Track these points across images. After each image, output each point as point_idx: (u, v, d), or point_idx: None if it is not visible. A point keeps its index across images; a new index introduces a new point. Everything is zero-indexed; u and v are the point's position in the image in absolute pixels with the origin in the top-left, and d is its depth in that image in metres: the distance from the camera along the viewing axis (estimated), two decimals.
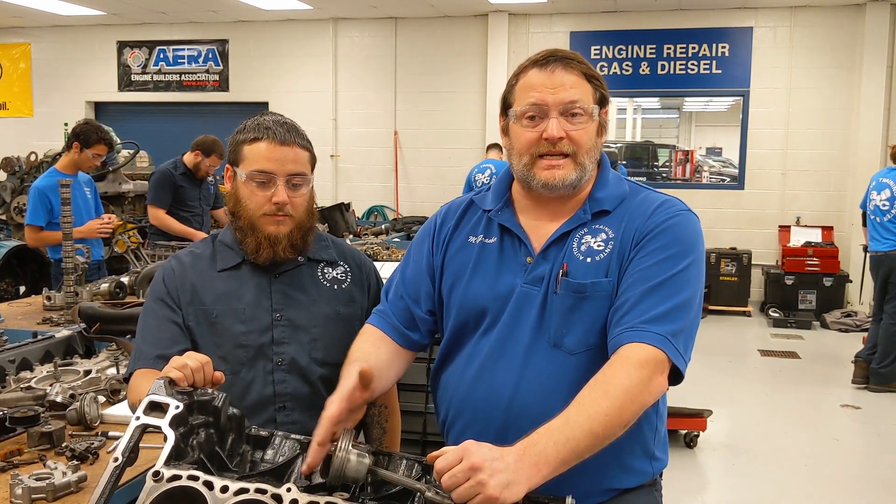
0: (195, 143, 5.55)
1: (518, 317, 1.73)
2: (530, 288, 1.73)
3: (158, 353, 1.96)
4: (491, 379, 1.72)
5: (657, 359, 1.54)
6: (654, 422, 1.78)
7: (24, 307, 4.17)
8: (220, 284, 2.10)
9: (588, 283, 1.68)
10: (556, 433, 1.40)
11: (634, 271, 1.65)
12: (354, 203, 10.41)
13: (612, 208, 1.75)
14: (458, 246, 1.87)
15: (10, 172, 6.79)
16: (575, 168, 1.71)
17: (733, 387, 6.69)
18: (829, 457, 5.15)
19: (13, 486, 1.81)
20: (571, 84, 1.71)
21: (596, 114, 1.73)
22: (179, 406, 1.37)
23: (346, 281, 2.18)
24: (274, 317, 2.07)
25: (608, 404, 1.45)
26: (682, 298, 1.61)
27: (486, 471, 1.29)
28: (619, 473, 1.73)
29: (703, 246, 1.72)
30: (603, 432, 1.45)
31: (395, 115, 11.30)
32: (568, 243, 1.73)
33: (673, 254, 1.64)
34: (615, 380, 1.50)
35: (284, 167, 2.05)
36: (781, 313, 9.30)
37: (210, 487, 1.24)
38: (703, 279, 1.70)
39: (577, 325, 1.68)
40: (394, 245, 6.50)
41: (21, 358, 2.72)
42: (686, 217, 1.72)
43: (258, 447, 1.52)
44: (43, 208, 4.90)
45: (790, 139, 10.07)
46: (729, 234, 10.13)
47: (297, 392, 2.04)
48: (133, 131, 8.82)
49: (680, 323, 1.60)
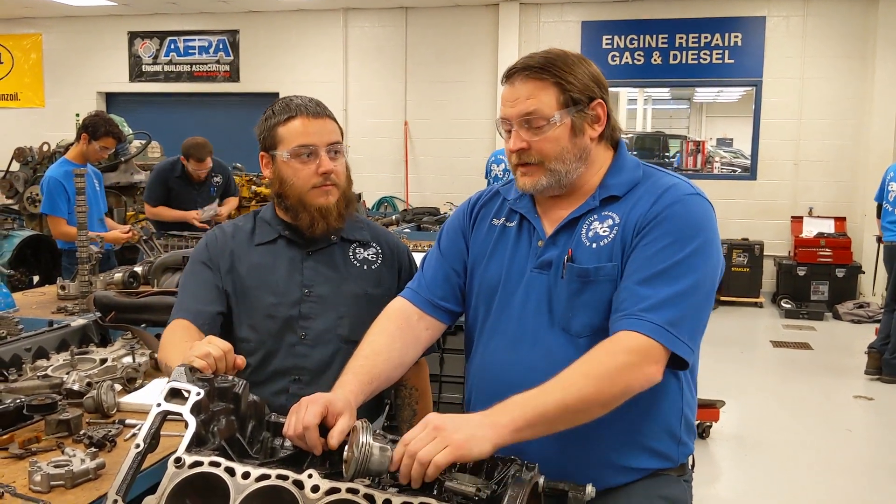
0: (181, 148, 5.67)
1: (528, 301, 1.76)
2: (539, 273, 1.76)
3: (198, 308, 2.10)
4: (503, 362, 1.77)
5: (648, 348, 1.56)
6: (680, 405, 1.78)
7: (39, 296, 4.18)
8: (255, 257, 2.21)
9: (592, 267, 1.70)
10: (528, 398, 1.47)
11: (637, 258, 1.66)
12: (364, 194, 10.43)
13: (622, 194, 1.76)
14: (483, 229, 1.92)
15: (22, 163, 6.81)
16: (545, 174, 1.75)
17: (745, 378, 6.67)
18: (841, 447, 5.13)
19: (32, 472, 1.81)
20: (528, 94, 1.72)
21: (559, 119, 1.71)
22: (200, 393, 1.37)
23: (376, 262, 2.25)
24: (303, 292, 2.16)
25: (585, 382, 1.50)
26: (685, 285, 1.61)
27: (448, 429, 1.36)
28: (639, 453, 1.74)
29: (711, 230, 1.70)
30: (575, 406, 1.49)
31: (406, 106, 11.28)
32: (577, 230, 1.76)
33: (675, 240, 1.64)
34: (597, 361, 1.54)
35: (323, 137, 2.14)
36: (793, 304, 9.27)
37: (232, 473, 1.24)
38: (713, 262, 1.68)
39: (582, 309, 1.70)
40: (404, 236, 6.49)
41: (37, 346, 2.73)
42: (691, 201, 1.70)
43: (278, 434, 1.52)
44: (61, 198, 4.92)
45: (803, 129, 10.00)
46: (740, 225, 10.07)
47: (315, 366, 2.13)
48: (144, 122, 8.83)
49: (680, 310, 1.59)
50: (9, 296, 3.77)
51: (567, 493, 1.37)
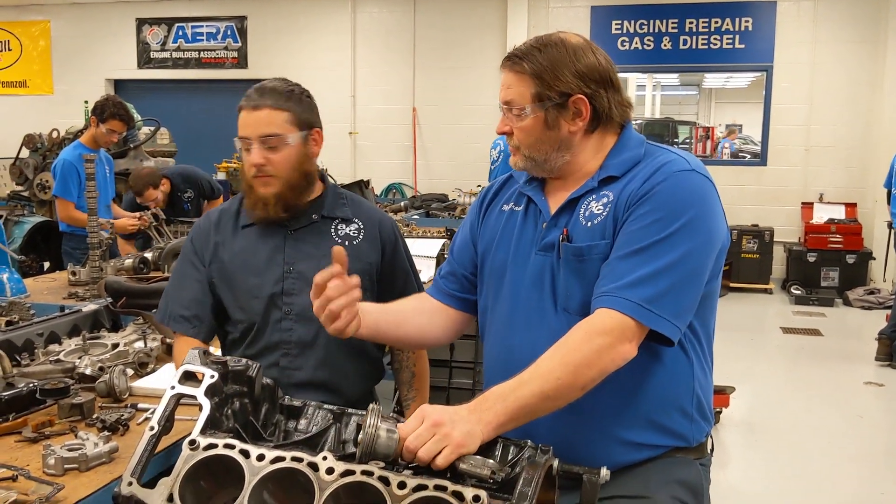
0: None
1: (533, 283, 1.79)
2: (543, 255, 1.78)
3: (180, 314, 2.29)
4: (511, 345, 1.80)
5: (623, 326, 1.57)
6: (691, 383, 1.77)
7: (49, 282, 4.20)
8: (240, 240, 2.32)
9: (585, 246, 1.71)
10: (506, 393, 1.49)
11: (622, 235, 1.66)
12: (373, 181, 10.40)
13: (621, 173, 1.75)
14: (493, 216, 1.96)
15: (32, 149, 6.82)
16: (523, 159, 1.81)
17: (755, 364, 6.66)
18: (852, 433, 5.12)
19: (45, 456, 1.82)
20: (509, 84, 1.79)
21: (529, 112, 1.75)
22: (214, 375, 1.37)
23: (357, 238, 2.32)
24: (285, 269, 2.26)
25: (562, 370, 1.52)
26: (666, 262, 1.60)
27: (447, 424, 1.37)
28: (649, 430, 1.73)
29: (704, 205, 1.66)
30: (555, 394, 1.52)
31: (414, 92, 11.24)
32: (577, 209, 1.77)
33: (660, 217, 1.63)
34: (572, 346, 1.55)
35: (256, 130, 2.19)
36: (803, 291, 9.23)
37: (246, 456, 1.24)
38: (703, 238, 1.65)
39: (580, 288, 1.71)
40: (413, 222, 6.48)
41: (49, 331, 2.74)
42: (683, 177, 1.68)
43: (291, 417, 1.52)
44: (73, 181, 4.91)
45: (813, 115, 9.93)
46: (750, 212, 10.02)
47: (301, 340, 2.24)
48: (153, 109, 8.82)
49: (659, 286, 1.59)
50: (20, 281, 3.78)
51: (582, 477, 1.36)
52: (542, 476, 1.22)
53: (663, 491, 1.71)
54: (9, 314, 3.04)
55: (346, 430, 1.48)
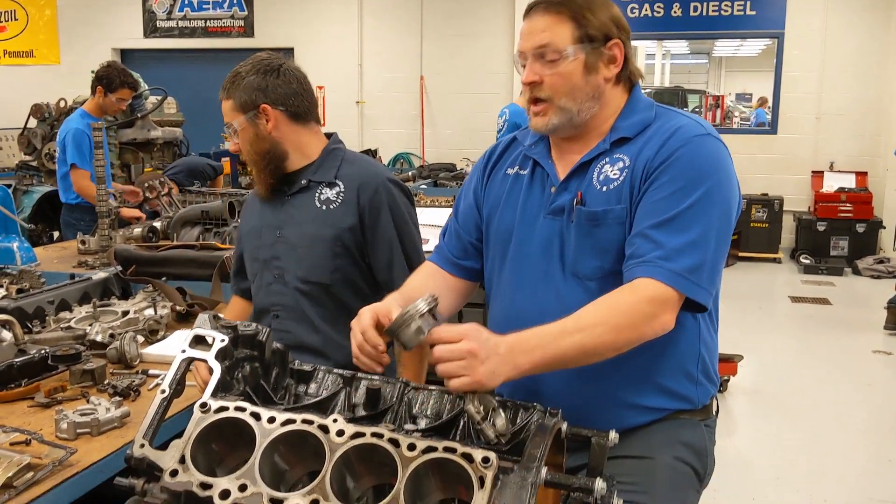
0: None
1: (541, 247, 1.77)
2: (552, 219, 1.76)
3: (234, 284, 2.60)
4: (517, 309, 1.78)
5: (667, 297, 1.57)
6: (697, 346, 1.77)
7: (59, 251, 4.22)
8: (255, 211, 2.47)
9: (600, 210, 1.69)
10: (547, 342, 1.48)
11: (648, 203, 1.65)
12: (380, 150, 10.37)
13: (633, 135, 1.73)
14: (498, 179, 1.92)
15: (40, 119, 6.80)
16: (555, 113, 1.72)
17: (764, 333, 6.66)
18: (860, 402, 5.13)
19: (58, 420, 1.84)
20: (544, 27, 1.70)
21: (572, 53, 1.68)
22: (224, 339, 1.38)
23: (336, 202, 2.33)
24: (276, 234, 2.36)
25: (606, 329, 1.52)
26: (699, 231, 1.60)
27: (479, 357, 1.37)
28: (654, 392, 1.74)
29: (722, 171, 1.66)
30: (593, 350, 1.52)
31: (422, 60, 11.17)
32: (589, 173, 1.75)
33: (683, 185, 1.62)
34: (621, 307, 1.54)
35: (226, 120, 2.36)
36: (812, 260, 9.20)
37: (257, 418, 1.24)
38: (725, 204, 1.65)
39: (592, 253, 1.70)
40: (421, 192, 6.46)
41: (59, 299, 2.75)
42: (700, 142, 1.67)
43: (302, 381, 1.52)
44: (87, 149, 4.87)
45: (825, 82, 9.83)
46: (760, 180, 9.96)
47: (286, 303, 2.34)
48: (159, 78, 8.77)
49: (697, 257, 1.59)
50: (30, 250, 3.80)
51: (590, 440, 1.37)
52: (550, 439, 1.23)
53: (667, 452, 1.72)
54: (20, 282, 3.06)
55: (356, 394, 1.48)
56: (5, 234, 3.79)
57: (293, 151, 2.36)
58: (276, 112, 2.31)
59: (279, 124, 2.32)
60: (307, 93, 2.39)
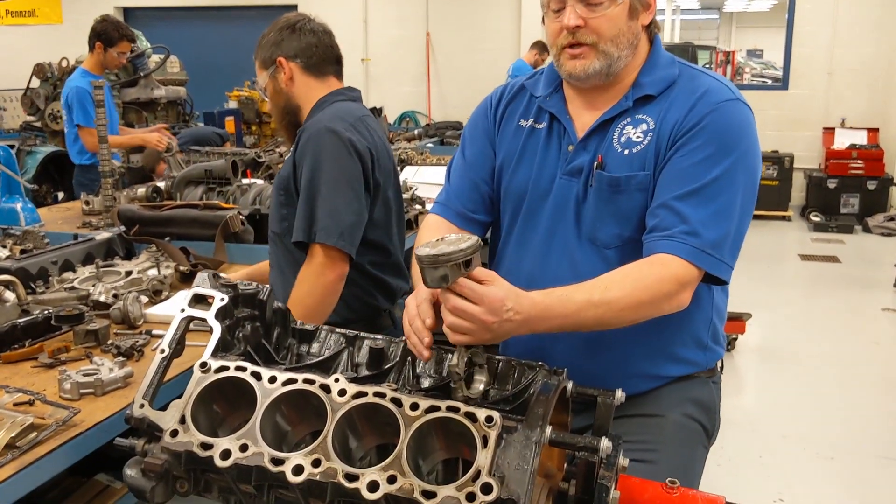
0: None
1: (556, 210, 1.71)
2: (569, 180, 1.70)
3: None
4: (530, 273, 1.73)
5: (690, 276, 1.54)
6: (710, 314, 1.75)
7: (64, 212, 4.20)
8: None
9: (622, 176, 1.63)
10: (571, 310, 1.44)
11: (672, 171, 1.59)
12: (386, 109, 10.26)
13: (657, 93, 1.67)
14: (510, 130, 1.82)
15: (42, 79, 6.73)
16: (597, 57, 1.63)
17: (772, 291, 6.63)
18: (868, 360, 5.12)
19: (62, 381, 1.83)
20: None
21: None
22: (224, 298, 1.36)
23: (289, 153, 2.46)
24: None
25: (628, 303, 1.48)
26: (725, 202, 1.56)
27: (490, 327, 1.33)
28: (666, 362, 1.73)
29: (750, 138, 1.62)
30: (610, 322, 1.50)
31: (427, 16, 11.01)
32: (609, 133, 1.68)
33: (712, 153, 1.57)
34: (646, 283, 1.50)
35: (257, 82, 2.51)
36: (822, 217, 9.14)
37: (258, 378, 1.22)
38: (752, 172, 1.62)
39: (611, 219, 1.65)
40: (427, 150, 6.41)
41: (63, 259, 2.74)
42: (730, 107, 1.62)
43: (304, 341, 1.50)
44: (91, 108, 4.82)
45: (837, 37, 9.64)
46: (770, 137, 9.82)
47: (271, 260, 2.51)
48: (163, 36, 8.65)
49: (721, 230, 1.55)
50: (34, 210, 3.79)
51: (596, 399, 1.35)
52: (554, 398, 1.21)
53: (676, 409, 1.71)
54: (23, 243, 3.05)
55: (358, 353, 1.46)
56: (9, 194, 3.77)
57: (304, 105, 2.43)
58: (290, 64, 2.40)
59: (295, 76, 2.41)
60: (325, 46, 2.44)
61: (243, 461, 1.14)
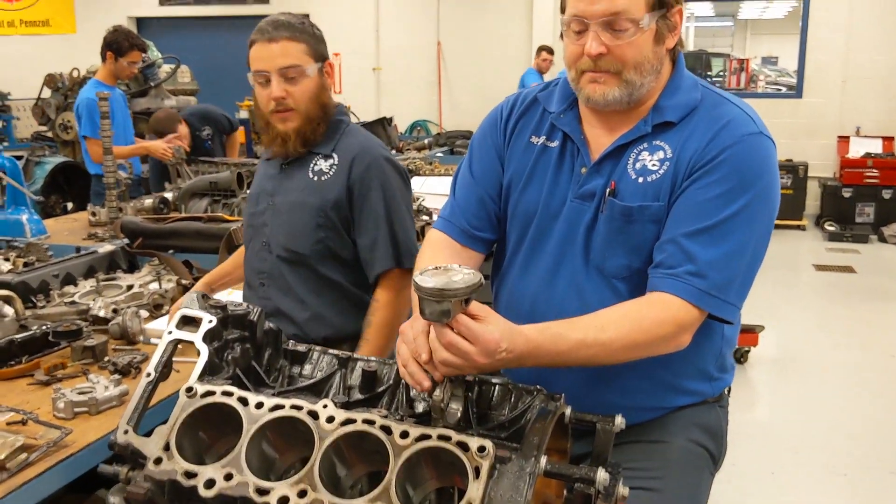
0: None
1: (565, 234, 1.63)
2: (580, 203, 1.62)
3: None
4: (534, 299, 1.66)
5: (692, 319, 1.48)
6: (719, 345, 1.69)
7: (70, 223, 4.20)
8: (261, 170, 2.43)
9: (635, 206, 1.55)
10: (564, 349, 1.39)
11: (686, 204, 1.52)
12: (397, 117, 10.25)
13: (678, 119, 1.58)
14: (520, 146, 1.73)
15: (54, 89, 6.76)
16: (619, 85, 1.54)
17: (786, 302, 6.54)
18: (884, 373, 5.03)
19: (55, 399, 1.81)
20: None
21: (647, 23, 1.51)
22: (213, 320, 1.33)
23: (328, 174, 2.27)
24: (269, 202, 2.32)
25: (623, 345, 1.43)
26: (737, 243, 1.49)
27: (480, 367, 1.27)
28: (671, 394, 1.67)
29: (770, 175, 1.54)
30: (604, 360, 1.46)
31: (439, 25, 10.99)
32: (624, 158, 1.59)
33: (729, 189, 1.49)
34: (644, 325, 1.45)
35: (274, 63, 2.19)
36: (837, 227, 9.03)
37: (245, 403, 1.19)
38: (769, 211, 1.55)
39: (621, 249, 1.58)
40: (436, 160, 6.39)
41: (65, 273, 2.73)
42: (753, 141, 1.53)
43: (296, 362, 1.47)
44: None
45: (851, 45, 9.54)
46: (785, 146, 9.73)
47: (271, 271, 2.31)
48: (175, 46, 8.70)
49: (730, 272, 1.49)
50: (40, 222, 3.78)
51: (595, 425, 1.30)
52: (551, 426, 1.17)
53: (682, 435, 1.66)
54: (26, 255, 3.03)
55: (351, 375, 1.43)
56: (15, 206, 3.77)
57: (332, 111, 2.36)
58: (332, 71, 2.35)
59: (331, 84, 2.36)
60: None
61: (228, 491, 1.11)
